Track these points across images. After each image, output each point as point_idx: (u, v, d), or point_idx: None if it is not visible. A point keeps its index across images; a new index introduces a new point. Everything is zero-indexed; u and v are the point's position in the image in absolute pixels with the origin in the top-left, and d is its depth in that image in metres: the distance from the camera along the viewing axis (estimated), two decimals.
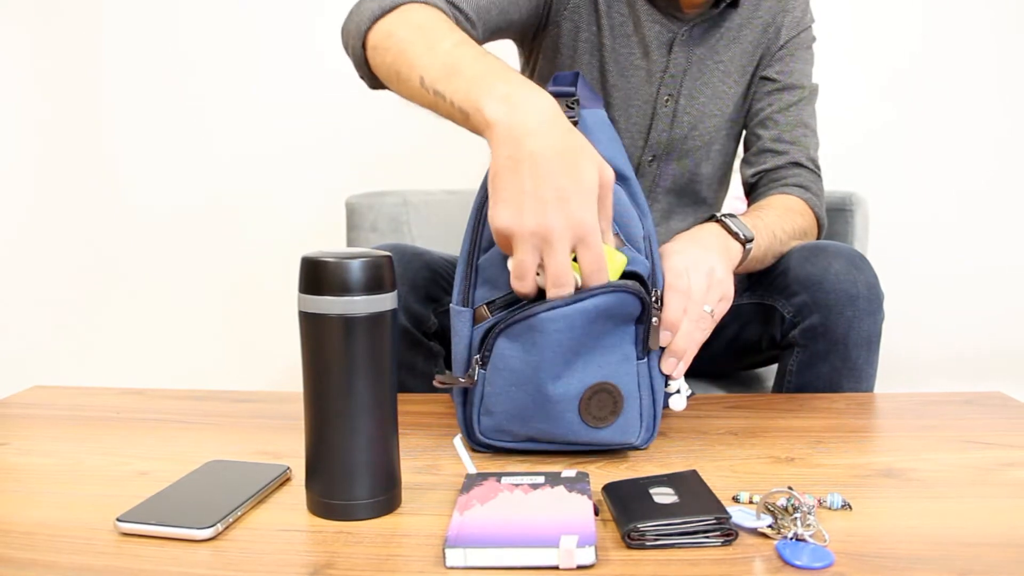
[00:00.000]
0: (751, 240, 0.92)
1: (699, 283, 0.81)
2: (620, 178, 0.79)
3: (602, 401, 0.73)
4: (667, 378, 0.80)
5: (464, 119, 0.75)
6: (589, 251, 0.69)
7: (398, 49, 0.84)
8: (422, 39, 0.82)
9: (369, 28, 0.88)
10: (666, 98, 1.14)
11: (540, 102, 0.71)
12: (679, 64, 1.13)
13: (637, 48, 1.12)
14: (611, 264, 0.72)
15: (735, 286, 0.87)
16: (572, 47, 1.12)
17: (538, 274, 0.71)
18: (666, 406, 0.81)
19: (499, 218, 0.69)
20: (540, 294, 0.72)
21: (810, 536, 0.57)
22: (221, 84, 2.01)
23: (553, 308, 0.71)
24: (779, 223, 1.01)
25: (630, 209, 0.78)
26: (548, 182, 0.68)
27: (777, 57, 1.16)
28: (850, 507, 0.64)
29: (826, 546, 0.57)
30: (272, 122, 2.01)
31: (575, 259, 0.70)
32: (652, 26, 1.11)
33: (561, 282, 0.69)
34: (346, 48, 0.93)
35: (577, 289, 0.71)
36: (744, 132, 1.22)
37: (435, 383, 0.75)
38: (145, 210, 2.06)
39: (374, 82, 0.92)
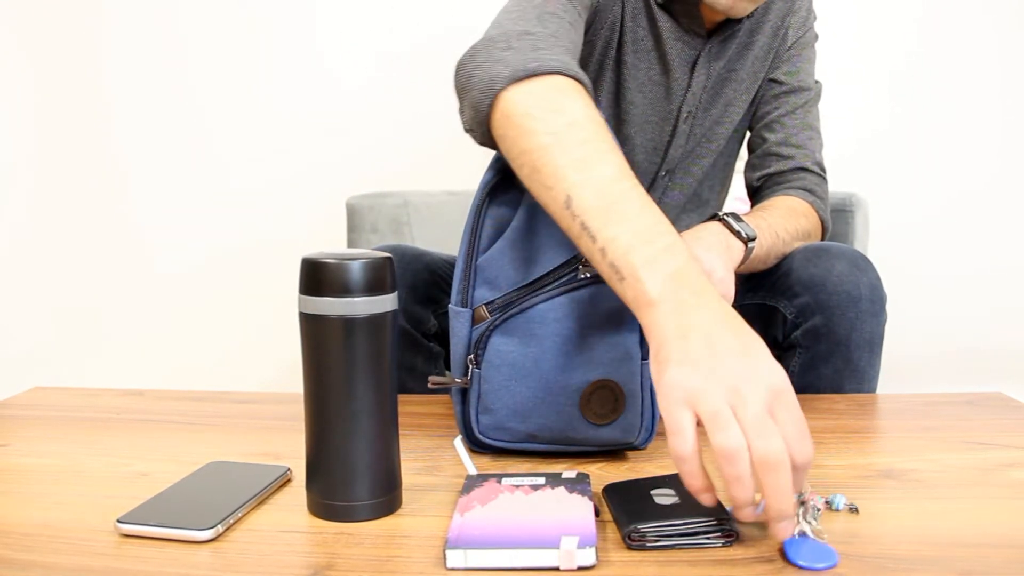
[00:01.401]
0: (753, 239, 0.92)
1: None
2: None
3: (603, 398, 0.73)
4: None
5: (611, 274, 0.64)
6: (791, 413, 0.56)
7: (542, 142, 0.69)
8: (576, 143, 0.69)
9: (501, 91, 0.74)
10: (686, 115, 1.12)
11: (707, 285, 0.63)
12: (700, 82, 1.11)
13: (656, 64, 1.10)
14: None
15: (737, 286, 0.87)
16: (600, 63, 1.09)
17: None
18: None
19: (673, 377, 0.57)
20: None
21: (812, 532, 0.57)
22: (221, 84, 2.01)
23: (549, 299, 0.72)
24: (782, 223, 1.01)
25: None
26: (725, 347, 0.58)
27: (784, 58, 1.15)
28: (856, 511, 0.64)
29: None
30: (273, 123, 2.01)
31: None
32: (675, 44, 1.08)
33: (764, 431, 0.53)
34: (461, 97, 0.79)
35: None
36: (748, 134, 1.21)
37: (429, 384, 0.75)
38: (145, 211, 2.06)
39: (486, 143, 0.79)
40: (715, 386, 0.55)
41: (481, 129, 0.77)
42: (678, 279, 0.61)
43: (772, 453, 0.52)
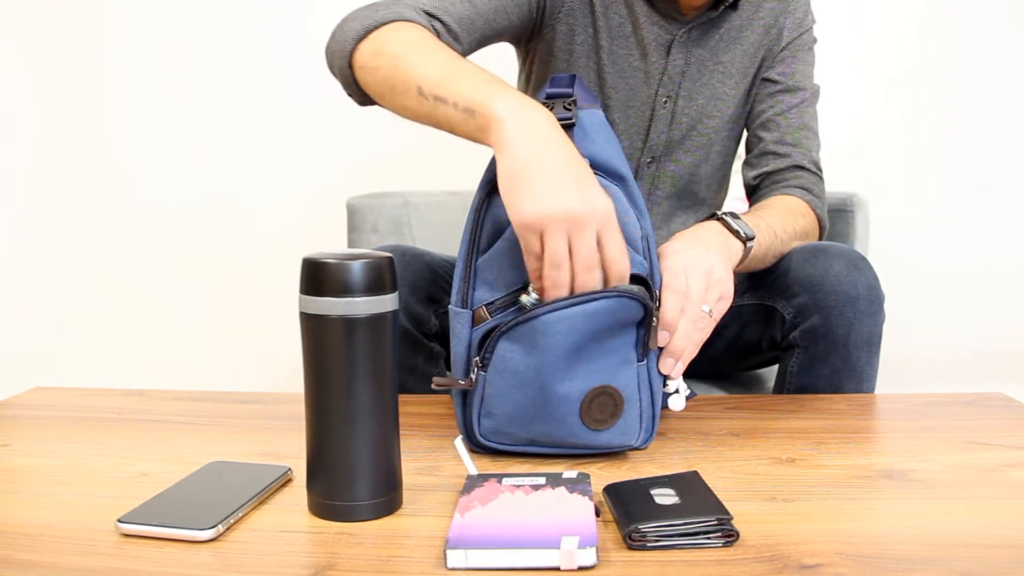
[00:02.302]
0: (752, 238, 0.92)
1: (697, 283, 0.81)
2: (617, 178, 0.79)
3: (603, 404, 0.73)
4: (665, 378, 0.80)
5: (467, 119, 0.77)
6: (615, 237, 0.71)
7: (390, 64, 0.86)
8: (415, 53, 0.85)
9: (355, 48, 0.90)
10: (664, 99, 1.13)
11: (544, 111, 0.75)
12: (677, 65, 1.12)
13: (636, 49, 1.12)
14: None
15: (736, 286, 0.87)
16: (567, 50, 1.12)
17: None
18: (665, 406, 0.81)
19: (525, 209, 0.70)
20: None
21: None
22: (222, 85, 2.01)
23: (556, 310, 0.71)
24: (780, 223, 1.01)
25: (628, 209, 0.78)
26: (569, 170, 0.71)
27: (779, 59, 1.16)
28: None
29: None
30: (273, 123, 2.01)
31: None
32: (651, 28, 1.11)
33: (591, 265, 0.70)
34: (331, 68, 0.95)
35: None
36: (745, 133, 1.22)
37: (433, 385, 0.75)
38: (146, 211, 2.06)
39: (363, 99, 0.94)
40: (561, 219, 0.69)
41: (355, 90, 0.94)
42: (519, 100, 0.75)
43: (591, 284, 0.71)
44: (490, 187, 0.77)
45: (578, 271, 0.70)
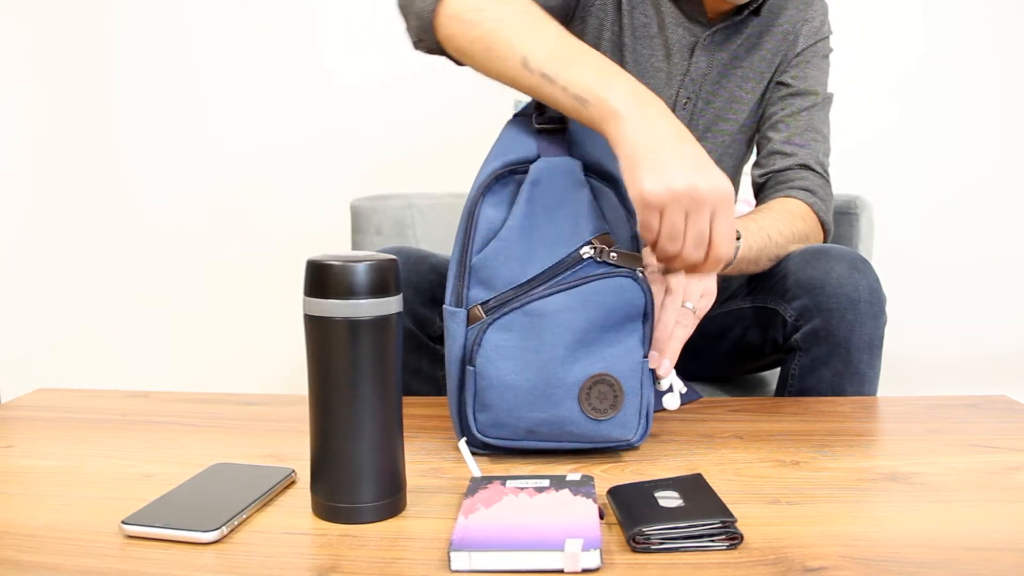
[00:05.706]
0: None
1: (677, 280, 0.82)
2: (609, 179, 0.79)
3: (602, 393, 0.74)
4: (656, 377, 0.80)
5: (577, 106, 0.76)
6: (727, 219, 0.73)
7: (491, 26, 0.81)
8: (521, 20, 0.81)
9: None
10: (684, 101, 1.14)
11: (658, 102, 0.76)
12: (699, 68, 1.13)
13: (660, 50, 1.12)
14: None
15: (737, 288, 0.87)
16: (595, 45, 1.12)
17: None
18: (660, 407, 0.81)
19: (648, 185, 0.71)
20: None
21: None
22: (225, 87, 2.01)
23: (548, 296, 0.73)
24: (776, 226, 1.02)
25: (619, 210, 0.79)
26: (689, 153, 0.72)
27: (793, 64, 1.16)
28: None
29: None
30: (277, 125, 2.01)
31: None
32: (676, 29, 1.11)
33: (701, 242, 0.73)
34: (405, 10, 0.88)
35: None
36: (756, 136, 1.22)
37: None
38: (150, 213, 2.07)
39: (432, 48, 0.88)
40: (682, 195, 0.71)
41: (428, 36, 0.86)
42: (636, 94, 0.75)
43: (695, 260, 0.74)
44: (484, 188, 0.77)
45: (688, 247, 0.73)
